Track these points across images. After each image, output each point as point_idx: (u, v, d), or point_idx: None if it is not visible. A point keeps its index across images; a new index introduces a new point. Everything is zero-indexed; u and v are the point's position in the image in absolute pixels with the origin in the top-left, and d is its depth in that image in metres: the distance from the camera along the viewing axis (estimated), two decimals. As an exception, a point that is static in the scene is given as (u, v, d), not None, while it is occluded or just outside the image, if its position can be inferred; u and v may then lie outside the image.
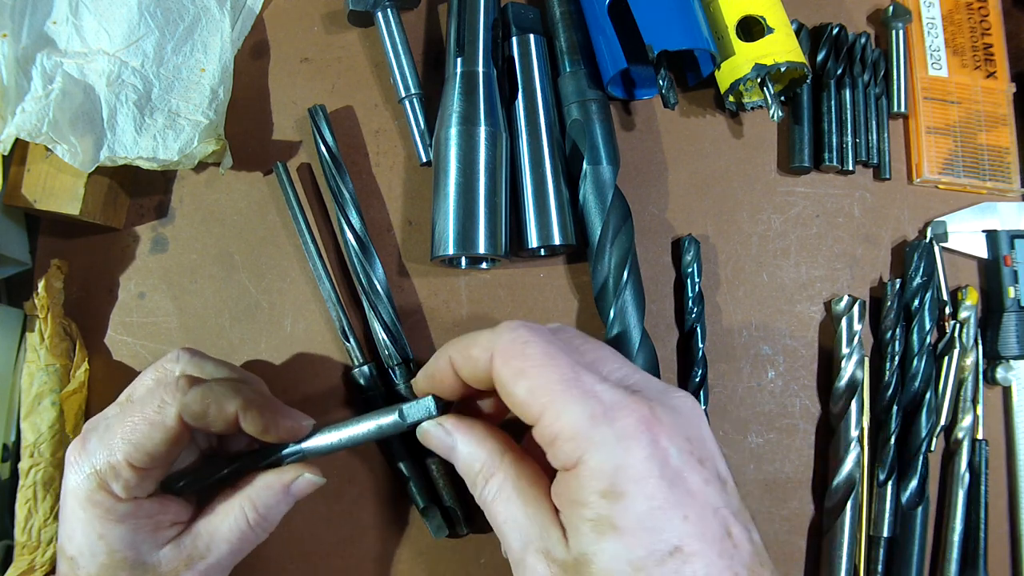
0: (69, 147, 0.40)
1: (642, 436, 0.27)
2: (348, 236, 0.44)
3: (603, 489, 0.27)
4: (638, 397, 0.29)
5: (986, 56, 0.53)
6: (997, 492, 0.49)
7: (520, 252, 0.47)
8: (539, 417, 0.29)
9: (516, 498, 0.30)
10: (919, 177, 0.51)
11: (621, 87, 0.49)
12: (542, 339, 0.30)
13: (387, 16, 0.47)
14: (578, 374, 0.29)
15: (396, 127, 0.49)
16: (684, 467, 0.28)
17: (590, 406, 0.28)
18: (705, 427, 0.31)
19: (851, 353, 0.46)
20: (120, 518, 0.33)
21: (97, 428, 0.34)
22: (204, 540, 0.35)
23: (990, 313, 0.50)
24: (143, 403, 0.33)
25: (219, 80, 0.45)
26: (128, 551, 0.33)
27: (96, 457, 0.33)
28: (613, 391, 0.29)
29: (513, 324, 0.31)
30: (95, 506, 0.33)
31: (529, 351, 0.30)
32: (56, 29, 0.43)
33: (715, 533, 0.27)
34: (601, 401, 0.28)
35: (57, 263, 0.44)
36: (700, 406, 0.32)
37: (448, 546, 0.45)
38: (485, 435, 0.33)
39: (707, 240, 0.49)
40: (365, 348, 0.45)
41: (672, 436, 0.28)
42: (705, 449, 0.29)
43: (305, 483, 0.36)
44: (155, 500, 0.34)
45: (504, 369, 0.30)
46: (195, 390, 0.33)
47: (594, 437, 0.27)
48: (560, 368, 0.29)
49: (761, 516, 0.47)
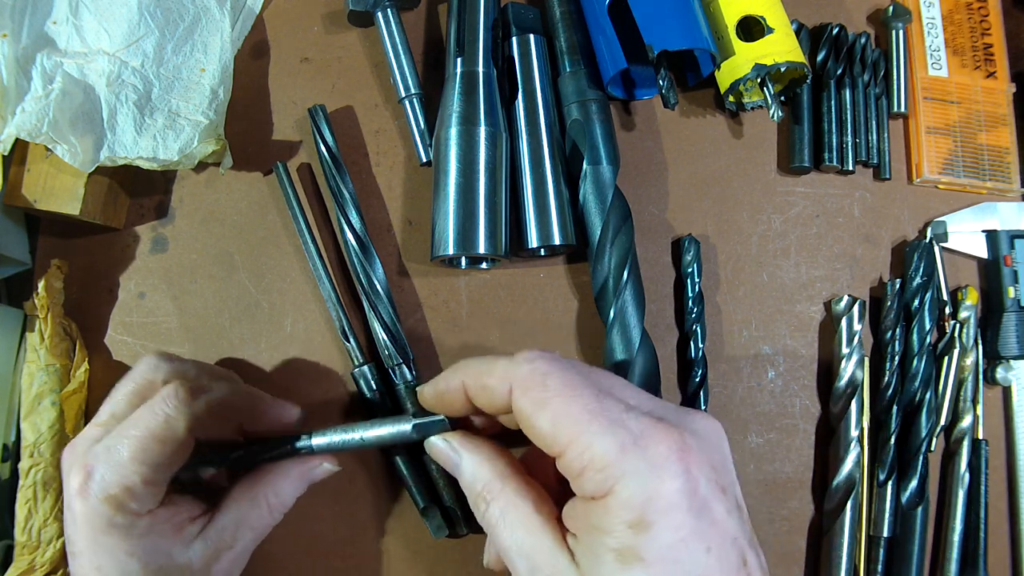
0: (69, 147, 0.40)
1: (675, 466, 0.27)
2: (348, 236, 0.44)
3: (632, 520, 0.27)
4: (666, 424, 0.28)
5: (986, 56, 0.53)
6: (997, 492, 0.49)
7: (520, 252, 0.47)
8: (565, 449, 0.28)
9: (522, 523, 0.30)
10: (919, 177, 0.51)
11: (621, 87, 0.49)
12: (561, 369, 0.30)
13: (387, 16, 0.47)
14: (603, 403, 0.29)
15: (396, 127, 0.49)
16: (710, 497, 0.28)
17: (619, 436, 0.27)
18: (727, 452, 0.31)
19: (851, 353, 0.46)
20: (144, 532, 0.33)
21: (98, 456, 0.33)
22: (230, 531, 0.36)
23: (990, 313, 0.50)
24: (143, 421, 0.33)
25: (219, 80, 0.45)
26: (161, 558, 0.33)
27: (107, 484, 0.32)
28: (640, 419, 0.28)
29: (531, 355, 0.31)
30: (117, 529, 0.32)
31: (550, 382, 0.29)
32: (56, 29, 0.43)
33: (733, 563, 0.27)
34: (630, 430, 0.28)
35: (57, 263, 0.44)
36: (721, 428, 0.31)
37: (448, 546, 0.45)
38: (491, 455, 0.33)
39: (707, 240, 0.49)
40: (365, 348, 0.45)
41: (701, 465, 0.28)
42: (727, 476, 0.29)
43: (323, 472, 0.38)
44: (168, 503, 0.34)
45: (525, 401, 0.29)
46: (200, 401, 0.34)
47: (626, 467, 0.27)
48: (584, 399, 0.29)
49: (761, 516, 0.47)
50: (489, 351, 0.47)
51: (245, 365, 0.45)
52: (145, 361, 0.38)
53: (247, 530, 0.36)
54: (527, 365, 0.30)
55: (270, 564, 0.44)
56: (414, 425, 0.35)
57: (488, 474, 0.32)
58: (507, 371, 0.30)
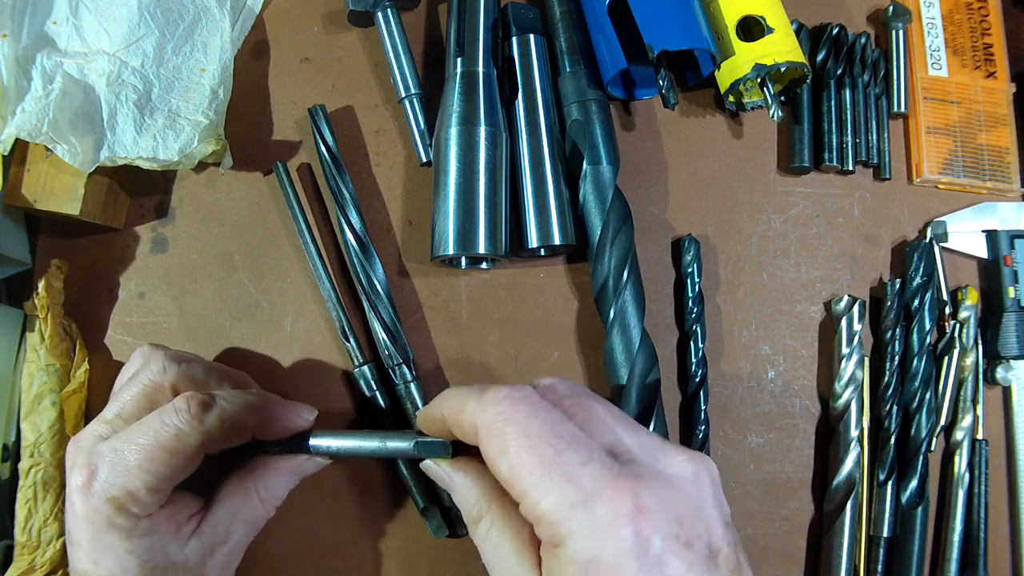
0: (69, 147, 0.40)
1: (621, 529, 0.27)
2: (348, 236, 0.44)
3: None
4: (623, 478, 0.28)
5: (986, 56, 0.53)
6: (997, 492, 0.49)
7: (520, 252, 0.47)
8: (520, 497, 0.29)
9: (502, 544, 0.31)
10: (919, 177, 0.51)
11: (621, 87, 0.49)
12: (526, 416, 0.29)
13: (387, 16, 0.47)
14: (560, 455, 0.28)
15: (396, 127, 0.49)
16: (666, 554, 0.27)
17: (569, 493, 0.27)
18: (706, 498, 0.30)
19: (851, 353, 0.46)
20: (144, 532, 0.33)
21: (103, 456, 0.33)
22: (224, 526, 0.36)
23: (990, 313, 0.50)
24: (153, 430, 0.33)
25: (219, 80, 0.45)
26: (159, 556, 0.34)
27: (110, 486, 0.32)
28: (597, 473, 0.28)
29: (497, 396, 0.30)
30: (117, 528, 0.33)
31: (509, 430, 0.29)
32: (56, 29, 0.43)
33: None
34: (581, 487, 0.27)
35: (57, 263, 0.44)
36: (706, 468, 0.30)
37: (448, 546, 0.45)
38: (478, 477, 0.33)
39: (707, 240, 0.49)
40: (365, 348, 0.45)
41: (657, 523, 0.27)
42: (696, 527, 0.28)
43: (314, 465, 0.38)
44: (167, 504, 0.35)
45: (488, 446, 0.30)
46: (212, 415, 0.34)
47: (571, 526, 0.27)
48: (539, 449, 0.28)
49: (761, 516, 0.47)
50: (489, 351, 0.47)
51: (245, 365, 0.45)
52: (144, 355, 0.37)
53: (240, 524, 0.36)
54: (492, 409, 0.30)
55: (271, 565, 0.44)
56: (416, 442, 0.35)
57: (476, 495, 0.33)
58: (475, 414, 0.30)
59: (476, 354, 0.46)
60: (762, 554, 0.47)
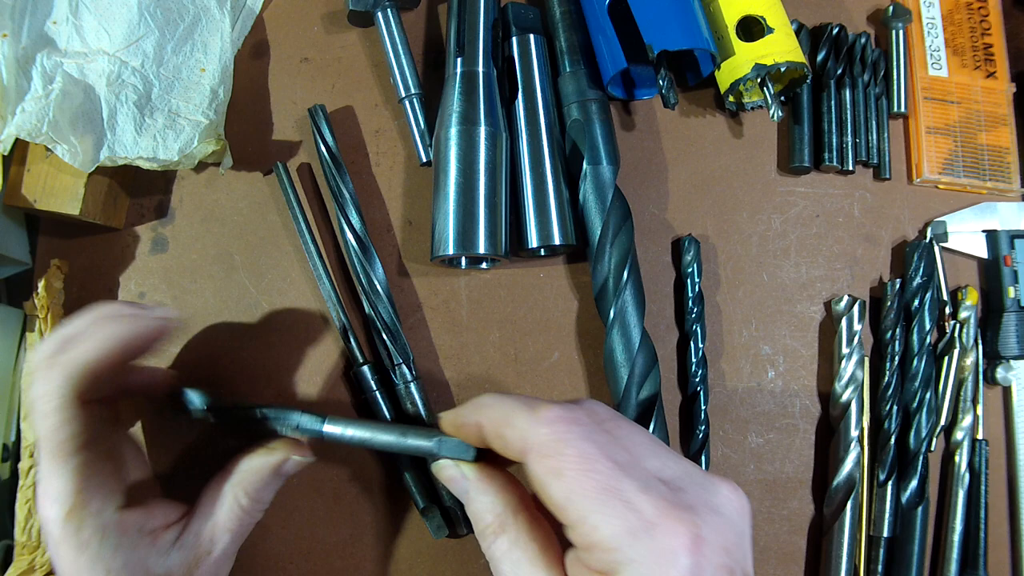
0: (69, 147, 0.40)
1: (681, 559, 0.26)
2: (348, 236, 0.44)
3: None
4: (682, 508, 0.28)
5: (986, 56, 0.53)
6: (997, 492, 0.49)
7: (520, 252, 0.47)
8: (576, 523, 0.28)
9: (526, 563, 0.30)
10: (919, 177, 0.51)
11: (621, 87, 0.49)
12: (580, 438, 0.29)
13: (387, 16, 0.47)
14: (619, 481, 0.28)
15: (396, 127, 0.49)
16: None
17: (630, 520, 0.27)
18: (746, 528, 0.30)
19: (851, 353, 0.46)
20: (115, 546, 0.32)
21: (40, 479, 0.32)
22: (207, 535, 0.35)
23: (990, 313, 0.50)
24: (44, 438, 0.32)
25: (219, 80, 0.45)
26: (138, 570, 0.33)
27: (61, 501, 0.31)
28: (656, 501, 0.28)
29: (551, 415, 0.29)
30: (86, 547, 0.32)
31: (567, 451, 0.28)
32: (56, 29, 0.43)
33: None
34: (642, 515, 0.27)
35: (57, 263, 0.44)
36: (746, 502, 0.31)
37: (448, 546, 0.45)
38: (502, 487, 0.32)
39: (707, 240, 0.49)
40: (365, 348, 0.45)
41: (712, 554, 0.27)
42: (739, 554, 0.28)
43: (293, 465, 0.37)
44: (136, 510, 0.34)
45: (539, 467, 0.29)
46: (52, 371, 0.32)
47: (632, 554, 0.26)
48: (599, 474, 0.28)
49: (761, 516, 0.47)
50: (489, 351, 0.47)
51: (244, 365, 0.45)
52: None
53: (224, 533, 0.35)
54: (547, 428, 0.29)
55: (271, 565, 0.44)
56: (438, 440, 0.34)
57: (499, 507, 0.31)
58: (526, 431, 0.30)
59: (476, 354, 0.47)
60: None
